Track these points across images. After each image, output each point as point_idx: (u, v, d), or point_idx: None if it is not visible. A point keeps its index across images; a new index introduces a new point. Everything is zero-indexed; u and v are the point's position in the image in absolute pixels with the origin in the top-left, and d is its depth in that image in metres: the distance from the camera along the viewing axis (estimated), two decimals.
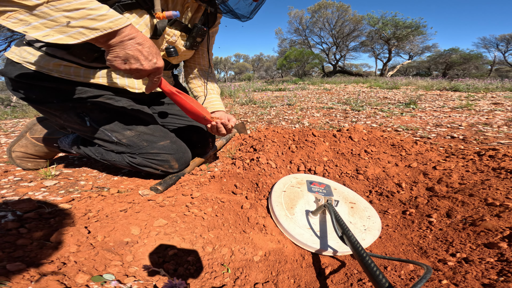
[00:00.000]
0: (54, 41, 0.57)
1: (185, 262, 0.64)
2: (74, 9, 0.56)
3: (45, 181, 1.06)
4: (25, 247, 0.61)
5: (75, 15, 0.56)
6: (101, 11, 0.59)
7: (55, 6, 0.54)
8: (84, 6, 0.56)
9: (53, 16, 0.55)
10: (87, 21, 0.57)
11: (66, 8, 0.55)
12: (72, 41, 0.58)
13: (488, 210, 0.75)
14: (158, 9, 0.80)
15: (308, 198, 0.94)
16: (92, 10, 0.57)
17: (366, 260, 0.53)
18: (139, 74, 0.71)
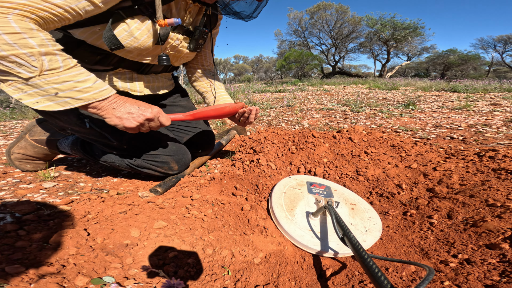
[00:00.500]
0: (42, 108, 0.64)
1: (185, 264, 0.63)
2: (63, 82, 0.63)
3: (44, 183, 1.06)
4: (24, 249, 0.61)
5: (62, 87, 0.63)
6: (87, 83, 0.66)
7: (45, 79, 0.61)
8: (72, 79, 0.64)
9: (44, 87, 0.62)
10: (73, 92, 0.65)
11: (55, 81, 0.62)
12: (59, 108, 0.65)
13: (489, 211, 0.75)
14: (160, 17, 0.80)
15: (309, 200, 0.94)
16: (79, 83, 0.65)
17: (368, 262, 0.52)
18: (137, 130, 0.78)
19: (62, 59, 0.63)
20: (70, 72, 0.65)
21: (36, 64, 0.60)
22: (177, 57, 1.05)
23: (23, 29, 0.59)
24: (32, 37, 0.60)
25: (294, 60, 16.59)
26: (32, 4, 0.59)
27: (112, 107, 0.72)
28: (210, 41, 1.19)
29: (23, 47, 0.59)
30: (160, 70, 1.06)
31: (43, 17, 0.62)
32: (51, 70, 0.62)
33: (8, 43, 0.57)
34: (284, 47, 23.29)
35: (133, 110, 0.75)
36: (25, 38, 0.59)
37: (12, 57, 0.58)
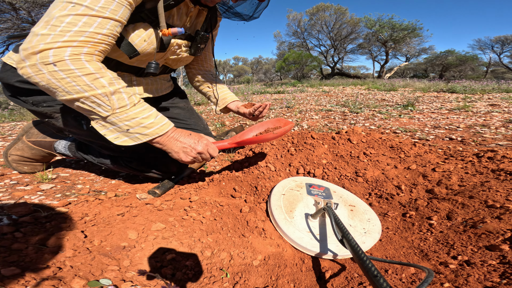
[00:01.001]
0: (121, 143, 0.72)
1: (184, 266, 0.63)
2: (131, 118, 0.69)
3: (41, 184, 1.05)
4: (20, 252, 0.60)
5: (132, 124, 0.70)
6: (150, 119, 0.72)
7: (118, 117, 0.68)
8: (138, 116, 0.70)
9: (118, 125, 0.69)
10: (140, 128, 0.71)
11: (125, 118, 0.69)
12: (132, 143, 0.73)
13: (489, 212, 0.75)
14: (164, 26, 0.80)
15: (308, 201, 0.93)
16: (144, 119, 0.71)
17: (367, 264, 0.52)
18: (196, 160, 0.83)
19: (127, 97, 0.69)
20: (136, 109, 0.70)
21: (109, 103, 0.66)
22: (177, 61, 1.05)
23: (96, 69, 0.64)
24: (103, 76, 0.65)
25: (293, 61, 16.62)
26: (91, 39, 0.63)
27: (170, 142, 0.78)
28: (211, 43, 1.19)
29: (99, 87, 0.64)
30: (159, 72, 1.06)
31: (102, 50, 0.68)
32: (120, 108, 0.67)
33: (87, 84, 0.63)
34: (284, 48, 23.37)
35: (186, 145, 0.80)
36: (98, 78, 0.64)
37: (92, 97, 0.64)
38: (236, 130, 1.93)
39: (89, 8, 0.62)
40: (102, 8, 0.63)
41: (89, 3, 0.61)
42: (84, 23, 0.62)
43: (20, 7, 7.62)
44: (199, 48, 1.04)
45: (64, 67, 0.61)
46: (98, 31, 0.64)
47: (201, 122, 1.34)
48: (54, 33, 0.60)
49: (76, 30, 0.61)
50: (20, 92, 0.90)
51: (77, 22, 0.61)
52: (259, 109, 1.15)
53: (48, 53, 0.60)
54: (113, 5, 0.65)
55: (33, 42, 0.60)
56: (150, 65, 0.88)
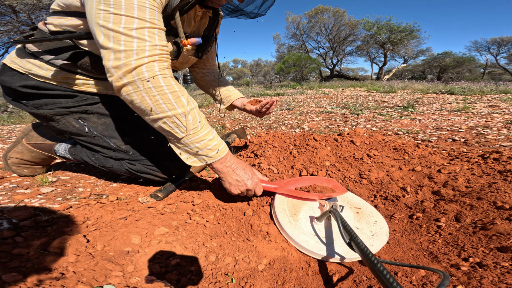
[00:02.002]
0: (191, 163, 0.74)
1: (188, 272, 0.61)
2: (200, 140, 0.70)
3: (41, 187, 1.03)
4: (22, 257, 0.58)
5: (200, 146, 0.71)
6: (214, 141, 0.73)
7: (190, 139, 0.69)
8: (205, 137, 0.71)
9: (190, 146, 0.71)
10: (206, 150, 0.72)
11: (196, 140, 0.70)
12: (199, 164, 0.75)
13: (498, 214, 0.74)
14: (183, 37, 0.81)
15: (312, 204, 0.92)
16: (210, 141, 0.72)
17: (378, 268, 0.50)
18: (241, 194, 0.83)
19: (199, 117, 0.69)
20: (204, 131, 0.70)
21: (185, 124, 0.66)
22: (183, 64, 1.05)
23: (178, 86, 0.64)
24: (183, 94, 0.65)
25: (292, 63, 16.68)
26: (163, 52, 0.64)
27: (228, 171, 0.79)
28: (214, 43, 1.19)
29: (180, 107, 0.64)
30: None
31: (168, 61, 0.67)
32: (193, 129, 0.68)
33: (171, 102, 0.63)
34: (283, 50, 23.47)
35: (240, 179, 0.80)
36: (180, 97, 0.64)
37: (173, 117, 0.64)
38: (237, 133, 1.92)
39: (143, 20, 0.61)
40: (151, 18, 0.63)
41: (137, 14, 0.61)
42: (149, 36, 0.62)
43: (20, 9, 7.63)
44: (206, 51, 1.04)
45: (156, 84, 0.61)
46: (161, 43, 0.64)
47: None
48: (136, 49, 0.60)
49: (150, 45, 0.61)
50: (21, 96, 0.89)
51: (143, 36, 0.61)
52: (266, 105, 1.12)
53: (142, 69, 0.60)
54: (156, 14, 0.65)
55: (122, 59, 0.60)
56: (186, 77, 0.90)
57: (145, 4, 0.63)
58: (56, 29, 0.81)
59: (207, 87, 1.28)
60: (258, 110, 1.14)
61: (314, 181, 1.00)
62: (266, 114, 1.16)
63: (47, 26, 0.83)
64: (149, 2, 0.64)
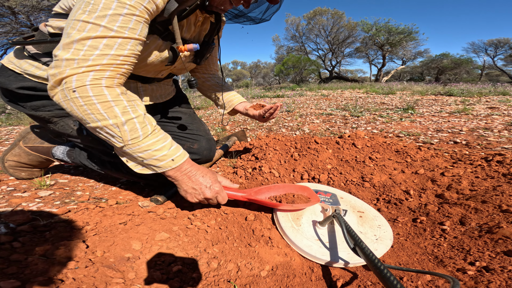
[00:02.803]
0: (139, 171, 0.72)
1: (190, 279, 0.60)
2: (144, 151, 0.68)
3: (39, 191, 1.02)
4: (20, 263, 0.57)
5: (145, 156, 0.68)
6: (163, 151, 0.70)
7: (131, 149, 0.67)
8: (150, 148, 0.68)
9: (133, 155, 0.69)
10: (153, 160, 0.69)
11: (137, 150, 0.67)
12: (150, 172, 0.72)
13: (504, 217, 0.73)
14: (180, 43, 0.79)
15: (315, 208, 0.91)
16: (156, 151, 0.69)
17: (385, 273, 0.49)
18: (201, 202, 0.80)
19: (141, 127, 0.66)
20: (149, 140, 0.68)
21: (120, 135, 0.64)
22: (182, 69, 1.04)
23: (112, 96, 0.63)
24: (117, 105, 0.63)
25: (292, 65, 16.71)
26: (113, 62, 0.62)
27: (183, 178, 0.75)
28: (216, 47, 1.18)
29: (111, 117, 0.63)
30: (164, 77, 1.05)
31: (124, 73, 0.66)
32: (133, 139, 0.66)
33: (100, 113, 0.62)
34: (282, 52, 23.53)
35: (197, 187, 0.76)
36: (112, 107, 0.62)
37: (105, 128, 0.63)
38: (238, 135, 1.91)
39: (108, 29, 0.60)
40: (120, 27, 0.61)
41: (107, 23, 0.59)
42: (105, 46, 0.60)
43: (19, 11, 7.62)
44: (205, 57, 1.03)
45: (83, 94, 0.60)
46: (119, 52, 0.62)
47: (203, 127, 1.32)
48: (78, 58, 0.59)
49: (98, 54, 0.60)
50: (19, 98, 0.88)
51: (98, 45, 0.60)
52: (270, 110, 1.08)
53: (72, 78, 0.59)
54: (131, 23, 0.62)
55: (61, 67, 0.59)
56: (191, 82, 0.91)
57: (120, 12, 0.60)
58: (55, 31, 0.80)
59: (208, 93, 1.26)
60: (262, 115, 1.11)
61: (288, 189, 0.94)
62: (270, 119, 1.13)
63: (47, 28, 0.82)
64: (129, 9, 0.61)
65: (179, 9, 0.75)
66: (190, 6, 0.78)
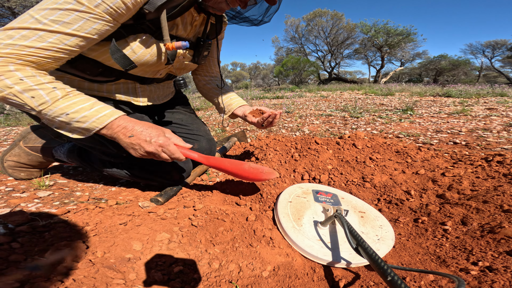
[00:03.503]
0: (75, 136, 0.69)
1: (192, 280, 0.59)
2: (60, 114, 0.64)
3: (38, 191, 1.01)
4: (19, 264, 0.56)
5: (65, 119, 0.65)
6: (81, 113, 0.66)
7: (46, 114, 0.64)
8: (64, 111, 0.64)
9: (54, 121, 0.65)
10: (76, 123, 0.66)
11: (53, 114, 0.64)
12: (81, 136, 0.69)
13: (506, 217, 0.73)
14: (167, 40, 0.77)
15: (316, 209, 0.90)
16: (74, 114, 0.65)
17: (389, 273, 0.49)
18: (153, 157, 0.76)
19: (46, 93, 0.63)
20: (61, 104, 0.64)
21: (25, 101, 0.62)
22: (181, 69, 1.03)
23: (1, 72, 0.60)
24: (8, 77, 0.61)
25: (291, 66, 16.75)
26: (16, 51, 0.60)
27: (118, 136, 0.71)
28: (216, 49, 1.17)
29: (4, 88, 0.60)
30: (163, 79, 1.04)
31: (33, 61, 0.63)
32: (42, 104, 0.63)
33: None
34: (282, 53, 23.59)
35: (135, 142, 0.72)
36: (2, 80, 0.60)
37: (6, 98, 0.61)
38: (238, 136, 1.91)
39: (37, 21, 0.60)
40: (52, 21, 0.60)
41: (40, 15, 0.60)
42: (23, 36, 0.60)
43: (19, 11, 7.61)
44: (203, 56, 1.02)
45: None
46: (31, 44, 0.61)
47: (203, 128, 1.32)
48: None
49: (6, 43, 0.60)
50: None
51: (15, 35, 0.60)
52: (268, 119, 1.02)
53: None
54: (68, 18, 0.61)
55: None
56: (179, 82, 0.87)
57: (62, 7, 0.60)
58: None
59: (209, 95, 1.25)
60: (260, 123, 1.05)
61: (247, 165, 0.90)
62: (269, 127, 1.07)
63: None
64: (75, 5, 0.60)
65: (169, 6, 0.74)
66: (181, 3, 0.77)
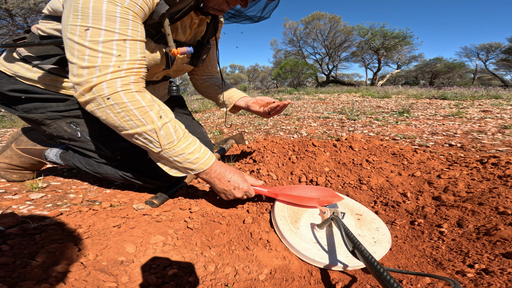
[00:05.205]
0: (174, 174, 0.75)
1: (186, 283, 0.58)
2: (179, 155, 0.70)
3: (31, 193, 0.99)
4: (7, 266, 0.55)
5: (179, 160, 0.71)
6: (195, 154, 0.72)
7: (167, 153, 0.69)
8: (184, 151, 0.70)
9: (169, 159, 0.71)
10: (187, 163, 0.72)
11: (173, 155, 0.70)
12: (183, 174, 0.76)
13: (501, 219, 0.73)
14: (172, 46, 0.78)
15: (313, 211, 0.90)
16: (190, 155, 0.71)
17: (385, 276, 0.49)
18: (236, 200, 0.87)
19: (174, 131, 0.68)
20: (182, 144, 0.70)
21: (158, 139, 0.66)
22: (178, 71, 1.03)
23: (146, 101, 0.63)
24: (152, 110, 0.63)
25: (290, 69, 16.83)
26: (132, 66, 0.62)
27: (214, 181, 0.79)
28: (214, 48, 1.17)
29: (149, 123, 0.64)
30: (159, 81, 1.04)
31: (144, 76, 0.66)
32: (169, 144, 0.68)
33: (139, 118, 0.63)
34: (280, 56, 23.72)
35: (227, 189, 0.81)
36: (148, 112, 0.63)
37: (144, 134, 0.65)
38: (235, 138, 1.90)
39: (111, 32, 0.59)
40: (122, 29, 0.60)
41: (106, 25, 0.59)
42: (118, 50, 0.60)
43: (16, 13, 7.58)
44: (201, 59, 1.02)
45: (118, 100, 0.60)
46: (134, 57, 0.62)
47: (200, 130, 1.31)
48: (98, 65, 0.59)
49: (117, 60, 0.60)
50: (11, 100, 0.86)
51: (109, 50, 0.59)
52: (276, 108, 1.03)
53: (102, 86, 0.59)
54: (130, 24, 0.62)
55: (84, 76, 0.59)
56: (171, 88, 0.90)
57: (115, 14, 0.59)
58: (43, 34, 0.79)
59: (208, 92, 1.24)
60: (267, 112, 1.06)
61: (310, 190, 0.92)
62: (274, 115, 1.10)
63: (38, 30, 0.81)
64: (121, 10, 0.60)
65: (170, 12, 0.74)
66: (183, 9, 0.76)
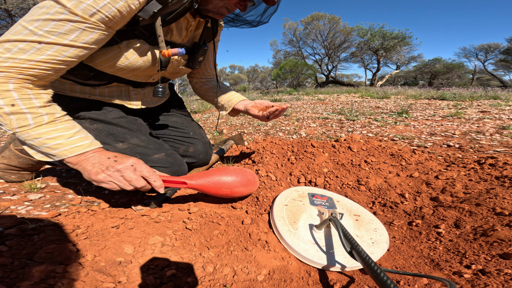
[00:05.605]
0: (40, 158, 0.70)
1: (185, 283, 0.58)
2: (34, 138, 0.66)
3: (29, 194, 0.99)
4: (5, 267, 0.55)
5: (35, 143, 0.67)
6: (57, 140, 0.68)
7: (22, 136, 0.66)
8: (41, 136, 0.66)
9: (25, 142, 0.68)
10: (45, 148, 0.68)
11: (27, 138, 0.66)
12: (48, 160, 0.70)
13: (498, 220, 0.74)
14: (163, 47, 0.77)
15: (311, 212, 0.90)
16: (49, 139, 0.67)
17: (382, 277, 0.49)
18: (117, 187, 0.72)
19: (33, 117, 0.65)
20: (41, 129, 0.66)
21: (6, 122, 0.64)
22: (175, 74, 1.03)
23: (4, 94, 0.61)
24: (3, 97, 0.62)
25: (289, 69, 16.85)
26: (16, 65, 0.61)
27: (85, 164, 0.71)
28: (212, 52, 1.17)
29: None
30: (157, 83, 1.04)
31: (33, 75, 0.64)
32: (21, 127, 0.64)
33: None
34: (279, 57, 23.74)
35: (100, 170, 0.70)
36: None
37: None
38: (235, 139, 1.90)
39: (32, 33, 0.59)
40: (47, 32, 0.60)
41: (34, 27, 0.59)
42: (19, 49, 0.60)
43: (16, 13, 7.56)
44: (198, 61, 1.01)
45: None
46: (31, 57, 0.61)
47: (199, 131, 1.31)
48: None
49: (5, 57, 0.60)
50: None
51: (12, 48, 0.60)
52: (275, 113, 1.04)
53: None
54: (63, 28, 0.60)
55: None
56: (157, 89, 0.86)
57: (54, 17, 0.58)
58: None
59: (207, 95, 1.24)
60: (266, 116, 1.07)
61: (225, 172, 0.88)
62: (273, 119, 1.09)
63: None
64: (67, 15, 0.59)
65: (163, 12, 0.73)
66: (177, 9, 0.75)
